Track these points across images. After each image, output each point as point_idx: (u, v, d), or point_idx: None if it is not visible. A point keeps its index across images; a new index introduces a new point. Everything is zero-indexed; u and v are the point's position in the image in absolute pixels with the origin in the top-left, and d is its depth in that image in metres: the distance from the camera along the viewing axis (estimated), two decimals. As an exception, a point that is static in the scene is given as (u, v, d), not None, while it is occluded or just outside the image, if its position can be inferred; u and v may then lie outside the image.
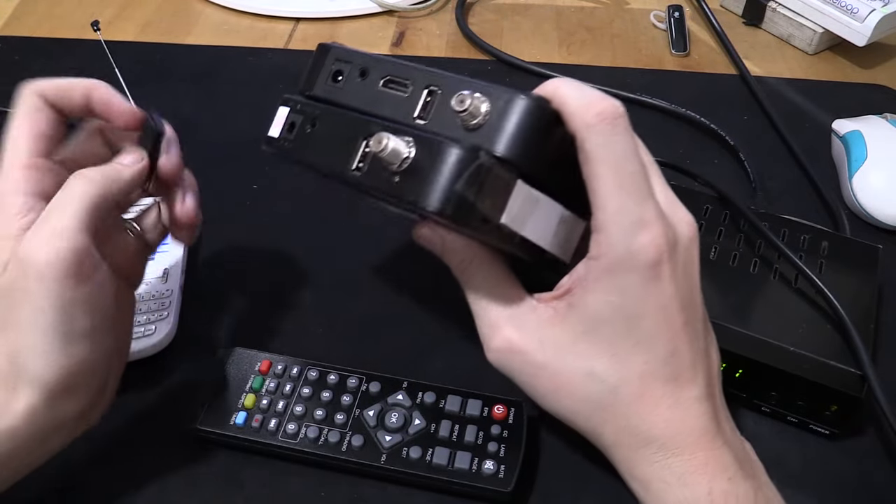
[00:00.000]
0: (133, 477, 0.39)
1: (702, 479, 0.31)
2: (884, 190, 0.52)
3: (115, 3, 0.73)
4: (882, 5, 0.64)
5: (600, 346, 0.32)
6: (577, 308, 0.32)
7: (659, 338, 0.32)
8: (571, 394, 0.33)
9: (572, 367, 0.32)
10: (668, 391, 0.32)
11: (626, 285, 0.31)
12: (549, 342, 0.32)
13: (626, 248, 0.30)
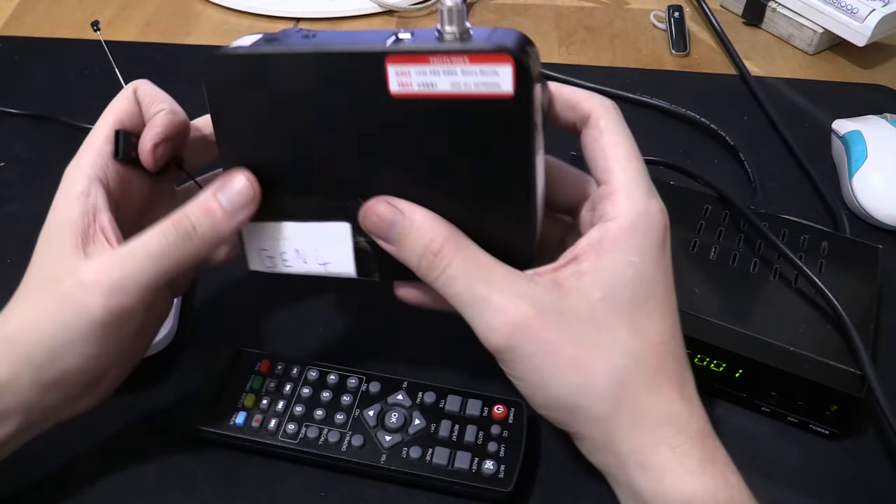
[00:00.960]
0: (133, 477, 0.39)
1: (715, 468, 0.31)
2: (884, 190, 0.52)
3: (115, 3, 0.73)
4: (882, 5, 0.64)
5: (619, 312, 0.31)
6: (592, 274, 0.31)
7: (668, 309, 0.32)
8: (591, 369, 0.30)
9: (593, 339, 0.30)
10: (677, 370, 0.32)
11: (645, 246, 0.31)
12: (567, 313, 0.30)
13: (647, 207, 0.31)
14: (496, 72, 0.29)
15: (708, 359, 0.41)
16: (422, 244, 0.32)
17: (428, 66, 0.29)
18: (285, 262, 0.36)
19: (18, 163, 0.56)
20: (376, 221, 0.32)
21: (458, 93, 0.30)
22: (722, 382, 0.41)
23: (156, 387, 0.43)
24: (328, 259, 0.35)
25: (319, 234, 0.35)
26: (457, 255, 0.31)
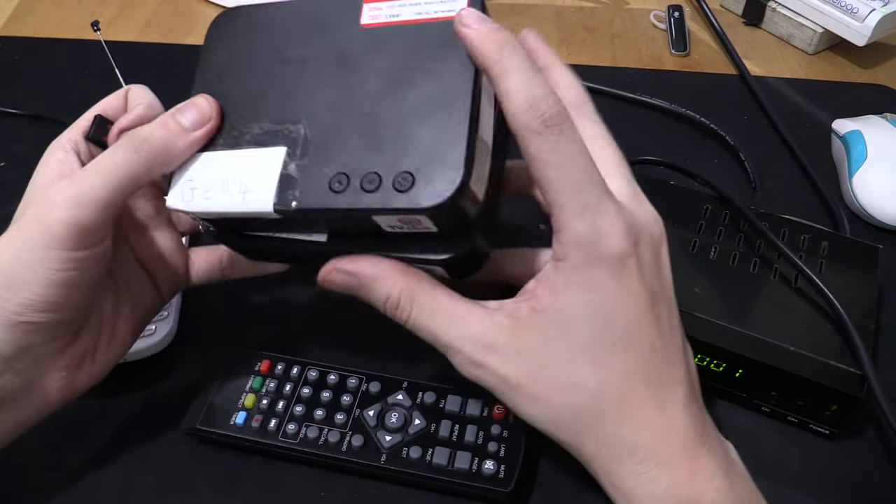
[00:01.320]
0: (133, 477, 0.39)
1: (690, 491, 0.30)
2: (884, 190, 0.52)
3: (115, 3, 0.73)
4: (882, 5, 0.64)
5: (577, 349, 0.31)
6: (547, 312, 0.31)
7: (635, 336, 0.31)
8: (551, 403, 0.32)
9: (550, 376, 0.31)
10: (651, 393, 0.31)
11: (597, 280, 0.30)
12: (525, 352, 0.31)
13: (591, 242, 0.30)
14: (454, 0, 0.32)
15: (708, 359, 0.41)
16: (381, 301, 0.33)
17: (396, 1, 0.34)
18: (206, 193, 0.33)
19: (18, 163, 0.56)
20: (335, 286, 0.34)
21: (420, 18, 0.33)
22: (722, 382, 0.41)
23: (156, 387, 0.43)
24: (251, 187, 0.32)
25: (252, 160, 0.33)
26: (413, 307, 0.33)
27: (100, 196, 0.32)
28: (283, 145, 0.33)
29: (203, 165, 0.34)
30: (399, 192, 0.30)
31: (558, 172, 0.29)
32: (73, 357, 0.35)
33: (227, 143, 0.34)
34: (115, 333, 0.37)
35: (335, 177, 0.31)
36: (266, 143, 0.33)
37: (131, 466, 0.39)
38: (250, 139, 0.34)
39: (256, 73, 0.35)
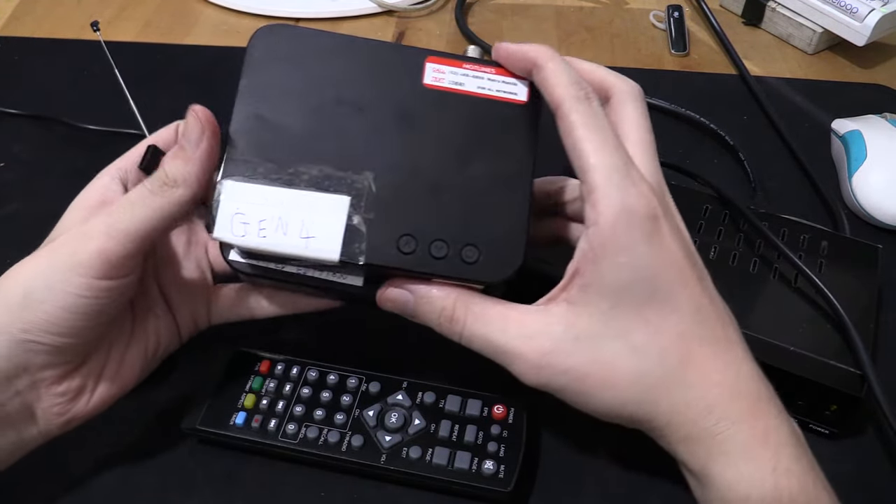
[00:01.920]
0: (133, 477, 0.39)
1: (765, 452, 0.30)
2: (884, 190, 0.52)
3: (115, 3, 0.73)
4: (881, 5, 0.64)
5: (630, 316, 0.31)
6: (593, 285, 0.31)
7: (680, 296, 0.31)
8: (621, 380, 0.31)
9: (614, 351, 0.31)
10: (710, 352, 0.31)
11: (633, 242, 0.30)
12: (582, 336, 0.31)
13: (623, 203, 0.30)
14: (515, 84, 0.35)
15: (708, 359, 0.41)
16: (435, 314, 0.34)
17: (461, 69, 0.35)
18: (262, 230, 0.33)
19: (18, 163, 0.56)
20: (392, 305, 0.35)
21: (483, 94, 0.35)
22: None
23: (156, 387, 0.43)
24: (314, 233, 0.33)
25: (313, 204, 0.33)
26: (468, 316, 0.33)
27: (131, 228, 0.33)
28: (347, 194, 0.33)
29: (254, 199, 0.33)
30: (466, 263, 0.33)
31: (596, 135, 0.31)
32: (71, 387, 0.35)
33: (281, 179, 0.33)
34: (121, 368, 0.37)
35: (402, 237, 0.33)
36: (328, 189, 0.33)
37: (131, 466, 0.39)
38: (309, 181, 0.33)
39: (310, 109, 0.34)
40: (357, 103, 0.34)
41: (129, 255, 0.33)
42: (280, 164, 0.33)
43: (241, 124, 0.34)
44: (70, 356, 0.34)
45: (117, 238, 0.32)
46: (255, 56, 0.35)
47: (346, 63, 0.35)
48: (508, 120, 0.34)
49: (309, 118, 0.34)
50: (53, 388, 0.34)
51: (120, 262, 0.33)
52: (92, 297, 0.33)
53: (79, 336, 0.33)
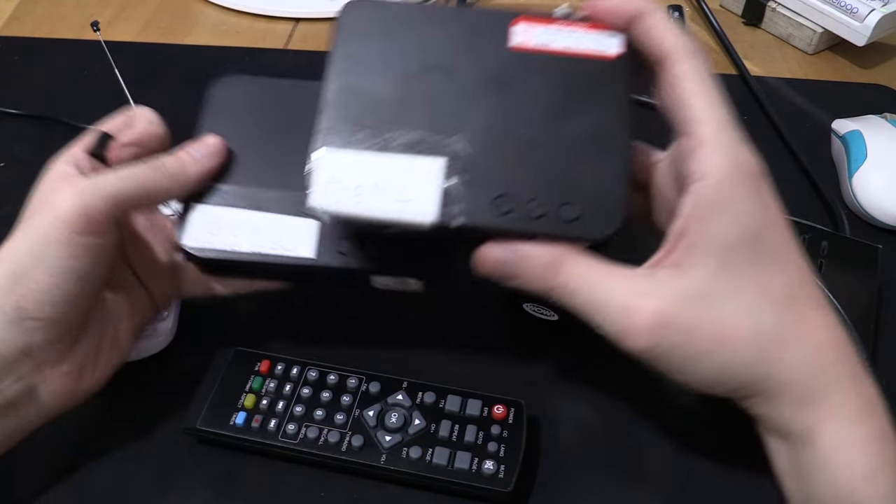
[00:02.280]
0: (133, 477, 0.39)
1: (872, 417, 0.30)
2: (884, 190, 0.52)
3: (115, 3, 0.73)
4: (882, 5, 0.64)
5: (739, 275, 0.30)
6: (700, 244, 0.30)
7: (785, 255, 0.31)
8: (736, 338, 0.30)
9: (726, 310, 0.30)
10: (816, 314, 0.31)
11: (742, 198, 0.30)
12: (693, 296, 0.30)
13: (734, 158, 0.30)
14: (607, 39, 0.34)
15: (708, 359, 0.41)
16: (539, 267, 0.32)
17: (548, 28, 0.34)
18: (357, 195, 0.32)
19: (18, 163, 0.56)
20: (492, 264, 0.33)
21: (571, 51, 0.34)
22: (722, 382, 0.41)
23: (156, 387, 0.43)
24: (410, 196, 0.32)
25: (408, 168, 0.33)
26: (574, 268, 0.32)
27: (108, 190, 0.34)
28: (441, 157, 0.33)
29: (349, 165, 0.33)
30: (565, 222, 0.32)
31: (706, 90, 0.31)
32: (76, 362, 0.36)
33: (375, 145, 0.33)
34: (116, 339, 0.38)
35: (498, 198, 0.32)
36: (421, 153, 0.33)
37: (131, 466, 0.39)
38: (403, 146, 0.33)
39: (400, 77, 0.34)
40: (446, 68, 0.34)
41: (106, 213, 0.34)
42: (374, 131, 0.33)
43: (334, 95, 0.34)
44: (66, 329, 0.35)
45: (97, 195, 0.33)
46: (344, 29, 0.35)
47: (433, 30, 0.35)
48: (600, 75, 0.34)
49: (399, 85, 0.34)
50: (58, 367, 0.35)
51: (98, 217, 0.33)
52: (75, 255, 0.33)
53: (71, 304, 0.34)
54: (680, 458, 0.40)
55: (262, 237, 0.36)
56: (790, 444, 0.32)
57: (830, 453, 0.30)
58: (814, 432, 0.30)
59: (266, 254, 0.36)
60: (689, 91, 0.31)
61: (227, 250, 0.37)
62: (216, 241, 0.37)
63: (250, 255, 0.36)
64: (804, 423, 0.31)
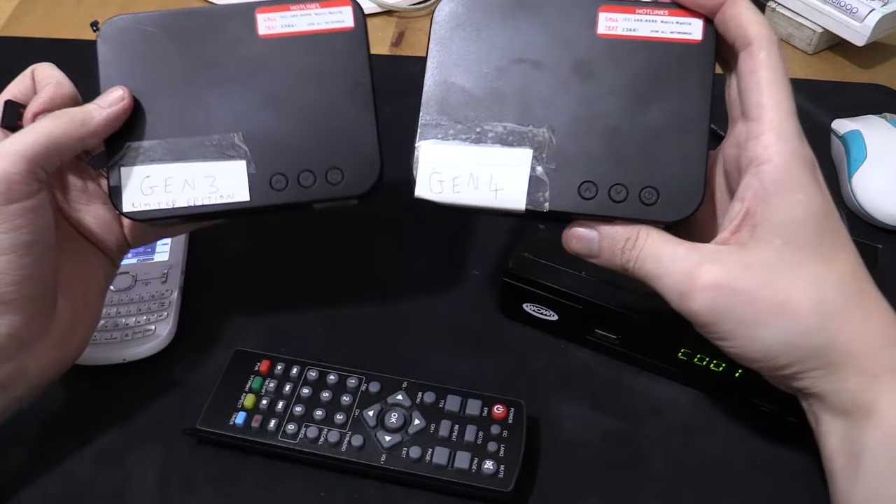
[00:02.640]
0: (133, 477, 0.39)
1: None
2: (883, 190, 0.52)
3: (114, 3, 0.73)
4: (881, 5, 0.64)
5: (803, 251, 0.31)
6: (765, 223, 0.31)
7: (842, 235, 0.32)
8: (800, 306, 0.31)
9: (790, 280, 0.31)
10: (875, 292, 0.32)
11: (804, 181, 0.31)
12: (754, 265, 0.31)
13: (798, 146, 0.32)
14: (690, 23, 0.35)
15: (708, 359, 0.41)
16: (620, 243, 0.34)
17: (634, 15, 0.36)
18: (456, 187, 0.35)
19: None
20: (576, 246, 0.35)
21: (657, 37, 0.36)
22: (722, 382, 0.41)
23: (156, 387, 0.43)
24: (502, 185, 0.35)
25: (500, 158, 0.35)
26: (646, 240, 0.34)
27: (19, 150, 0.34)
28: (529, 147, 0.35)
29: (448, 158, 0.36)
30: (645, 204, 0.34)
31: (781, 79, 0.33)
32: (58, 333, 0.36)
33: (470, 138, 0.36)
34: (87, 302, 0.38)
35: (583, 184, 0.35)
36: (512, 144, 0.35)
37: (131, 466, 0.39)
38: (495, 137, 0.36)
39: (492, 70, 0.36)
40: (534, 60, 0.36)
41: (24, 174, 0.33)
42: (468, 124, 0.36)
43: (431, 91, 0.36)
44: (40, 303, 0.35)
45: (8, 159, 0.33)
46: (440, 27, 0.37)
47: (522, 21, 0.36)
48: (683, 60, 0.35)
49: (491, 79, 0.36)
50: (42, 341, 0.36)
51: (18, 178, 0.33)
52: (13, 226, 0.33)
53: (34, 277, 0.34)
54: (680, 458, 0.40)
55: (195, 189, 0.37)
56: (849, 419, 0.32)
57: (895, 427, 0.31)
58: (877, 406, 0.31)
59: (202, 204, 0.38)
60: (765, 79, 0.32)
61: (164, 208, 0.37)
62: (151, 201, 0.37)
63: (188, 210, 0.38)
64: (868, 396, 0.31)
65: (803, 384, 0.33)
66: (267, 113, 0.38)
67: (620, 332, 0.43)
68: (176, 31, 0.39)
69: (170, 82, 0.38)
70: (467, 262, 0.49)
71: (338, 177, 0.38)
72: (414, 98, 0.42)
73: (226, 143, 0.38)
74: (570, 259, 0.42)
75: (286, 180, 0.38)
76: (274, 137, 0.38)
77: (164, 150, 0.38)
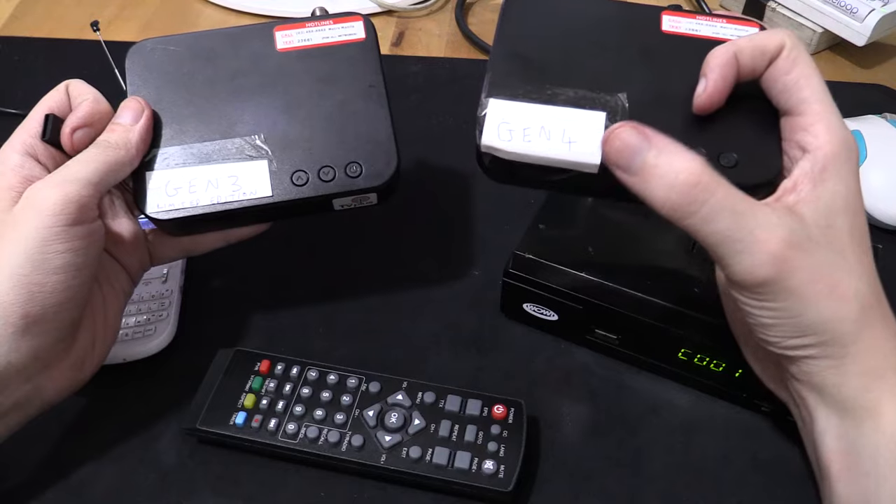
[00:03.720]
0: (133, 477, 0.39)
1: None
2: (883, 190, 0.52)
3: (114, 3, 0.73)
4: (881, 5, 0.63)
5: (843, 240, 0.32)
6: (812, 203, 0.32)
7: (867, 238, 0.33)
8: (845, 292, 0.31)
9: (836, 264, 0.31)
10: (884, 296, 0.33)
11: (846, 174, 0.32)
12: (813, 239, 0.31)
13: (844, 136, 0.32)
14: (746, 31, 0.38)
15: (708, 359, 0.41)
16: (674, 174, 0.30)
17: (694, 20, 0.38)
18: (526, 136, 0.35)
19: (18, 163, 0.56)
20: (619, 147, 0.32)
21: (718, 37, 0.37)
22: (722, 382, 0.41)
23: (156, 387, 0.43)
24: (576, 139, 0.34)
25: (573, 117, 0.35)
26: (719, 189, 0.30)
27: (84, 176, 0.34)
28: (602, 111, 0.35)
29: (518, 112, 0.36)
30: (726, 167, 0.34)
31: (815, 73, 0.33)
32: (77, 355, 0.36)
33: (540, 98, 0.36)
34: (107, 323, 0.39)
35: None
36: (584, 106, 0.35)
37: (131, 466, 0.39)
38: (566, 99, 0.36)
39: (561, 48, 0.37)
40: (602, 44, 0.37)
41: (90, 199, 0.34)
42: (538, 86, 0.36)
43: (500, 56, 0.37)
44: (69, 326, 0.35)
45: (77, 183, 0.34)
46: (509, 9, 0.39)
47: (589, 14, 0.38)
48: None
49: (561, 55, 0.37)
50: (63, 363, 0.36)
51: (84, 202, 0.34)
52: (71, 248, 0.34)
53: (73, 299, 0.34)
54: (680, 458, 0.40)
55: (218, 189, 0.39)
56: (848, 418, 0.32)
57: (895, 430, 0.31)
58: (880, 407, 0.31)
59: (226, 202, 0.38)
60: (804, 75, 0.33)
61: (188, 207, 0.38)
62: (177, 202, 0.38)
63: (212, 207, 0.38)
64: (872, 395, 0.31)
65: (808, 370, 0.32)
66: (287, 116, 0.40)
67: (620, 332, 0.43)
68: (199, 50, 0.41)
69: (193, 94, 0.40)
70: (467, 262, 0.49)
71: (357, 170, 0.39)
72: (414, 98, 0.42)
73: (248, 145, 0.39)
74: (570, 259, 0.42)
75: (307, 176, 0.39)
76: (294, 138, 0.40)
77: (188, 155, 0.39)
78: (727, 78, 0.34)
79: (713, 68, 0.34)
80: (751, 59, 0.34)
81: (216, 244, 0.43)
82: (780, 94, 0.34)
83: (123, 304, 0.40)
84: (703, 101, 0.34)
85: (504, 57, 0.37)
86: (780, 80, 0.34)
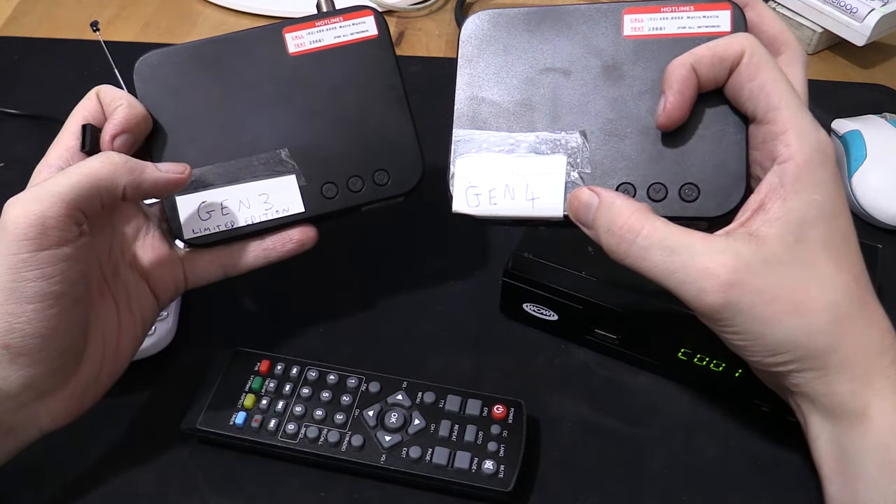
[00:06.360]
0: (133, 477, 0.39)
1: None
2: (883, 190, 0.52)
3: (114, 3, 0.73)
4: (881, 5, 0.64)
5: (815, 250, 0.31)
6: (779, 220, 0.31)
7: (851, 240, 0.32)
8: (813, 307, 0.31)
9: (803, 279, 0.31)
10: (875, 300, 0.32)
11: (821, 181, 0.31)
12: (771, 260, 0.31)
13: (816, 141, 0.31)
14: (717, 16, 0.35)
15: (708, 359, 0.41)
16: (609, 220, 0.32)
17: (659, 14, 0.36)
18: (492, 199, 0.36)
19: (18, 163, 0.56)
20: (577, 206, 0.34)
21: (684, 33, 0.35)
22: (722, 382, 0.41)
23: (156, 387, 0.43)
24: (538, 194, 0.35)
25: (534, 167, 0.35)
26: (645, 225, 0.32)
27: (57, 191, 0.31)
28: (563, 153, 0.35)
29: (483, 171, 0.36)
30: (686, 201, 0.34)
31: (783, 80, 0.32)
32: (79, 384, 0.35)
33: (503, 149, 0.36)
34: (118, 352, 0.37)
35: (621, 185, 0.35)
36: (545, 152, 0.36)
37: (131, 466, 0.39)
38: (528, 147, 0.36)
39: (521, 81, 0.37)
40: (563, 68, 0.36)
41: (56, 220, 0.31)
42: (500, 136, 0.36)
43: (463, 106, 0.37)
44: (64, 356, 0.33)
45: (45, 201, 0.31)
46: (467, 44, 0.38)
47: (548, 33, 0.37)
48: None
49: (521, 90, 0.36)
50: (61, 392, 0.34)
51: (49, 223, 0.31)
52: (38, 274, 0.31)
53: (59, 329, 0.32)
54: (680, 458, 0.40)
55: (251, 208, 0.39)
56: (839, 424, 0.32)
57: (886, 433, 0.31)
58: (869, 412, 0.31)
59: (260, 221, 0.39)
60: (769, 80, 0.32)
61: (223, 230, 0.39)
62: (211, 225, 0.39)
63: (247, 227, 0.39)
64: (860, 401, 0.31)
65: (795, 381, 0.33)
66: (308, 126, 0.40)
67: (620, 332, 0.43)
68: (208, 61, 0.40)
69: (210, 110, 0.39)
70: (467, 262, 0.49)
71: (384, 178, 0.40)
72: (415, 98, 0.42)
73: (273, 160, 0.39)
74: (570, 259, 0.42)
75: (336, 188, 0.40)
76: (318, 148, 0.40)
77: (215, 175, 0.39)
78: (685, 93, 0.33)
79: (671, 84, 0.33)
80: (710, 69, 0.33)
81: (255, 264, 0.41)
82: (746, 102, 0.33)
83: (142, 332, 0.39)
84: (663, 121, 0.34)
85: (466, 103, 0.37)
86: (745, 87, 0.33)
